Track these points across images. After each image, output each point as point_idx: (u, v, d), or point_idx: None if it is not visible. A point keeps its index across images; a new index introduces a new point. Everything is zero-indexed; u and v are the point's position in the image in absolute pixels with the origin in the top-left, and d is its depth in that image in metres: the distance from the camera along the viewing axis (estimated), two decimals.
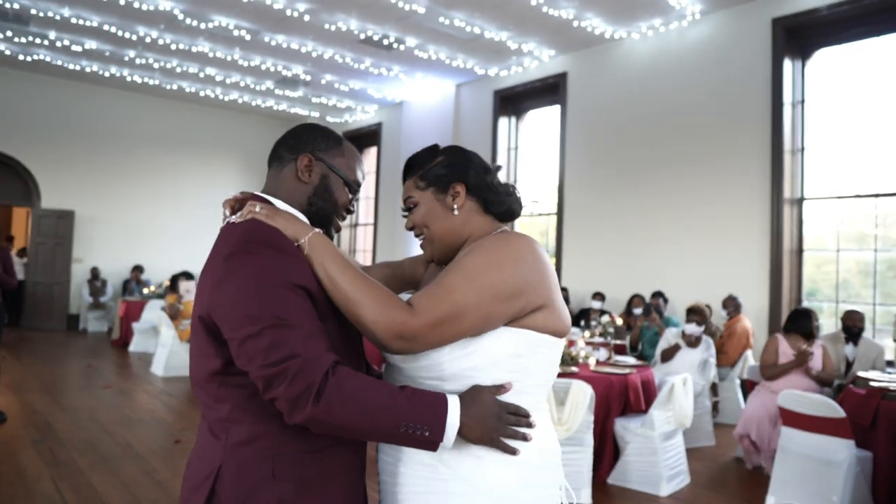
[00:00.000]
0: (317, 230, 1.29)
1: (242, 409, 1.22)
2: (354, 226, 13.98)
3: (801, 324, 4.78)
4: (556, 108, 9.58)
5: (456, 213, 1.40)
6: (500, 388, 1.26)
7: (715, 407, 6.06)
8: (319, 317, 1.22)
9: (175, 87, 11.84)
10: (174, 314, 8.17)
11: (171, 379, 7.64)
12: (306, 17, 8.24)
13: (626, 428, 4.36)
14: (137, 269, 11.68)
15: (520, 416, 1.26)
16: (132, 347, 9.68)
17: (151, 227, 12.74)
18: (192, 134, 13.23)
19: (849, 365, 5.11)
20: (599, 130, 8.90)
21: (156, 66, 10.56)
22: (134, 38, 9.22)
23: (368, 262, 12.93)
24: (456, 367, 1.25)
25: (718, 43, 7.65)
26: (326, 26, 8.49)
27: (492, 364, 1.26)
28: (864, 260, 7.01)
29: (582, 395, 3.97)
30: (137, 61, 10.35)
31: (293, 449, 1.22)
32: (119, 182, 12.43)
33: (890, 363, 5.51)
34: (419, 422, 1.15)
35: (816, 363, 4.66)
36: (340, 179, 1.40)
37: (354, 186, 1.42)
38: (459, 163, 1.42)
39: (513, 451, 1.25)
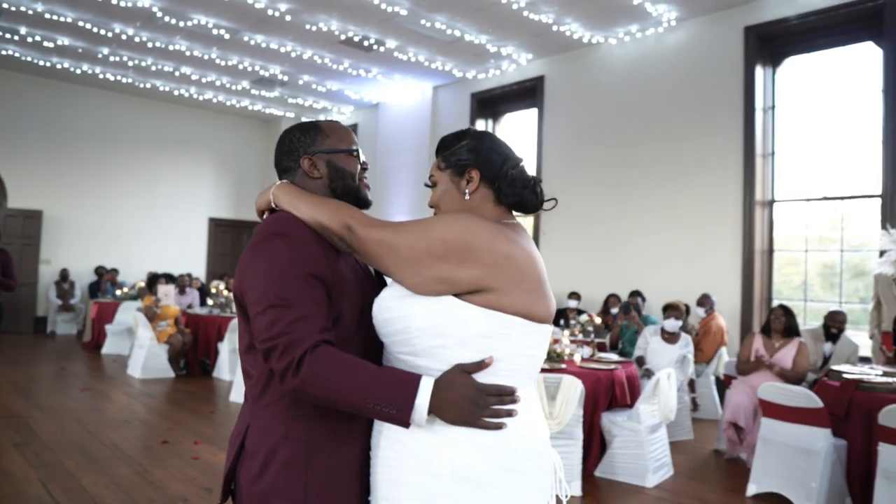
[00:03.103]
0: (278, 182, 1.49)
1: (264, 377, 1.38)
2: None
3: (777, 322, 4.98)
4: (534, 111, 9.73)
5: (467, 197, 1.42)
6: (481, 365, 1.27)
7: (694, 402, 6.23)
8: (335, 294, 1.35)
9: (149, 85, 11.67)
10: (151, 317, 8.02)
11: (150, 381, 7.53)
12: (287, 17, 8.23)
13: (612, 422, 4.48)
14: (113, 271, 11.44)
15: (503, 395, 1.28)
16: (105, 350, 9.50)
17: (122, 228, 12.50)
18: (165, 133, 13.02)
19: (825, 360, 5.35)
20: (576, 133, 9.07)
21: (130, 63, 10.41)
22: (109, 35, 9.09)
23: None
24: (426, 343, 1.29)
25: (693, 49, 7.88)
26: (307, 27, 8.48)
27: (460, 344, 1.27)
28: (827, 261, 7.30)
29: (573, 389, 4.07)
30: (111, 59, 10.19)
31: (303, 413, 1.34)
32: (89, 182, 12.18)
33: (865, 359, 5.77)
34: (386, 401, 1.23)
35: (785, 361, 4.80)
36: (341, 154, 1.53)
37: (354, 150, 1.55)
38: (480, 149, 1.43)
39: (496, 427, 1.26)
